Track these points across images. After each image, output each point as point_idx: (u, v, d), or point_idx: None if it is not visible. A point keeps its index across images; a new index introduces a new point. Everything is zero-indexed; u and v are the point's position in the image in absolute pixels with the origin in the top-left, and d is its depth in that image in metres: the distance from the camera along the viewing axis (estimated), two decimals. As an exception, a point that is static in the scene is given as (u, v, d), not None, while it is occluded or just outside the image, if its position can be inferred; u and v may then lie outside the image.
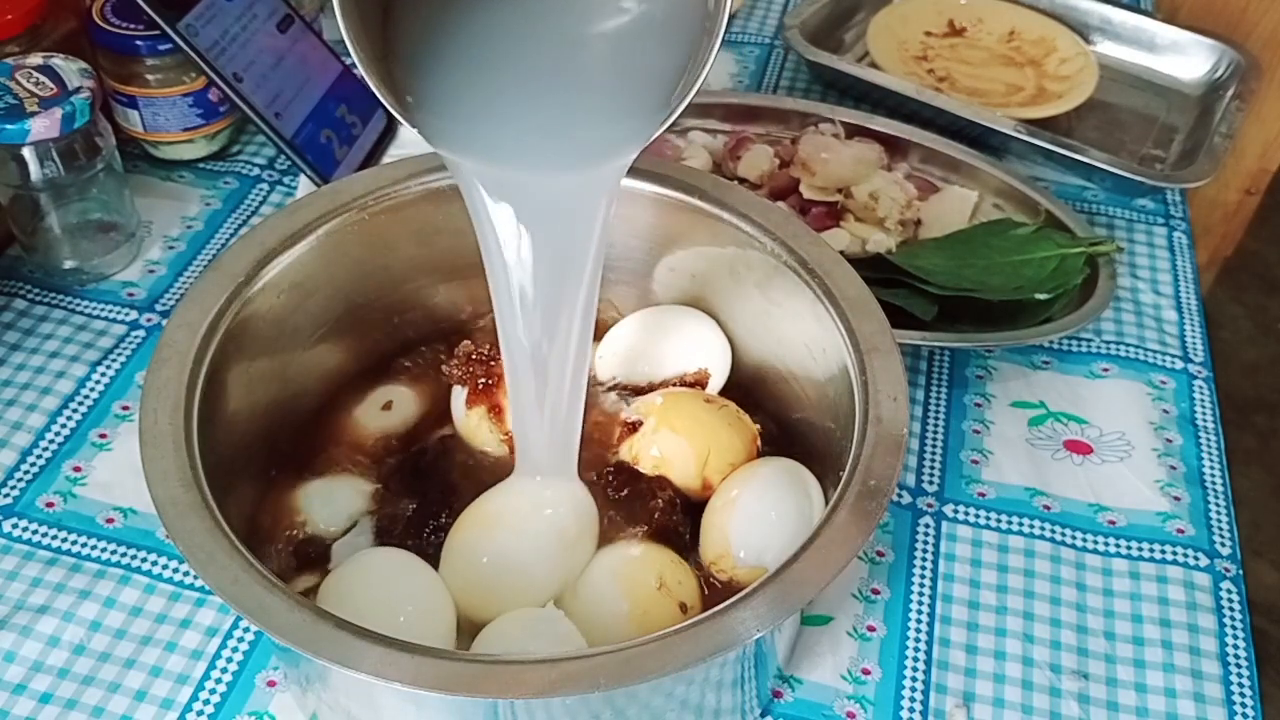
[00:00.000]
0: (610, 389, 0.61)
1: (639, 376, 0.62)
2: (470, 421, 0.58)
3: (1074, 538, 0.64)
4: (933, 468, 0.67)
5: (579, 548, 0.54)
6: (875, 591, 0.61)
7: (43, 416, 0.67)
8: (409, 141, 0.84)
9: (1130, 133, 0.94)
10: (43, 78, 0.70)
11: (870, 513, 0.46)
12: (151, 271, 0.77)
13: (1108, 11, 1.01)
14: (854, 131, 0.84)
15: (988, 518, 0.65)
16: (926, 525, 0.64)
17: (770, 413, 0.60)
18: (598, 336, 0.61)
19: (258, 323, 0.56)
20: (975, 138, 0.86)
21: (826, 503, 0.50)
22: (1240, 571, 0.63)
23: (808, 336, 0.57)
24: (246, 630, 0.58)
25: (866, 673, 0.57)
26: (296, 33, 0.80)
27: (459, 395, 0.59)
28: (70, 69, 0.70)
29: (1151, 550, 0.63)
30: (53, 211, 0.73)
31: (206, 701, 0.55)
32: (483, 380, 0.58)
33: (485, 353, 0.59)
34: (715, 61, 0.44)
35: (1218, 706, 0.57)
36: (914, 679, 0.57)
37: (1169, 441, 0.69)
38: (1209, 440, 0.70)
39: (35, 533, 0.61)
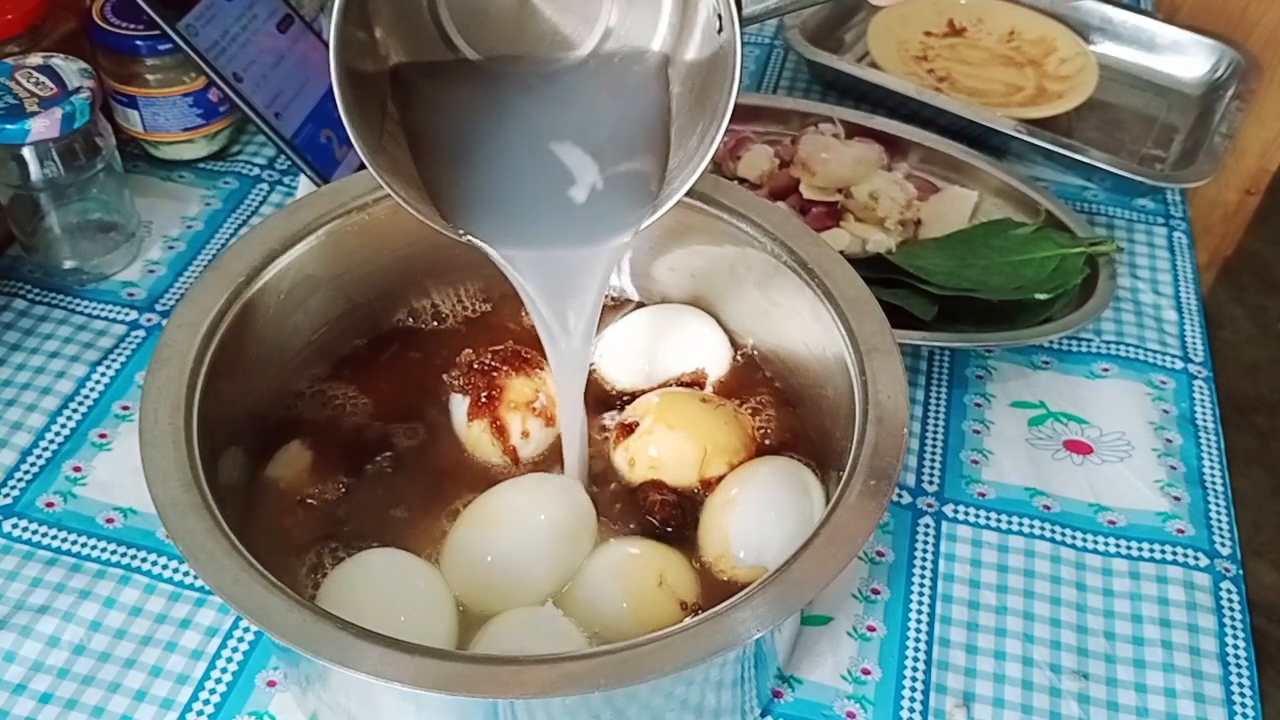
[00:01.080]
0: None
1: (638, 375, 0.62)
2: (472, 434, 0.58)
3: (1074, 538, 0.64)
4: (933, 468, 0.67)
5: (578, 545, 0.54)
6: (875, 591, 0.61)
7: (43, 416, 0.67)
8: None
9: (1130, 133, 0.94)
10: (43, 78, 0.70)
11: (870, 513, 0.46)
12: (151, 271, 0.77)
13: (1108, 11, 1.01)
14: (854, 131, 0.84)
15: (988, 518, 0.65)
16: (926, 525, 0.64)
17: (770, 412, 0.60)
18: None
19: (258, 323, 0.56)
20: (975, 138, 0.86)
21: (826, 502, 0.50)
22: (1240, 571, 0.63)
23: (808, 336, 0.57)
24: (247, 630, 0.58)
25: (866, 673, 0.57)
26: (296, 33, 0.80)
27: (459, 404, 0.59)
28: (70, 69, 0.70)
29: (1151, 550, 0.63)
30: (53, 211, 0.73)
31: (207, 701, 0.55)
32: (485, 394, 0.58)
33: (487, 363, 0.59)
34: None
35: (1218, 706, 0.57)
36: (914, 679, 0.57)
37: (1169, 441, 0.69)
38: (1209, 440, 0.70)
39: (35, 533, 0.61)
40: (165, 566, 0.60)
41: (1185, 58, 0.99)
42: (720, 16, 0.45)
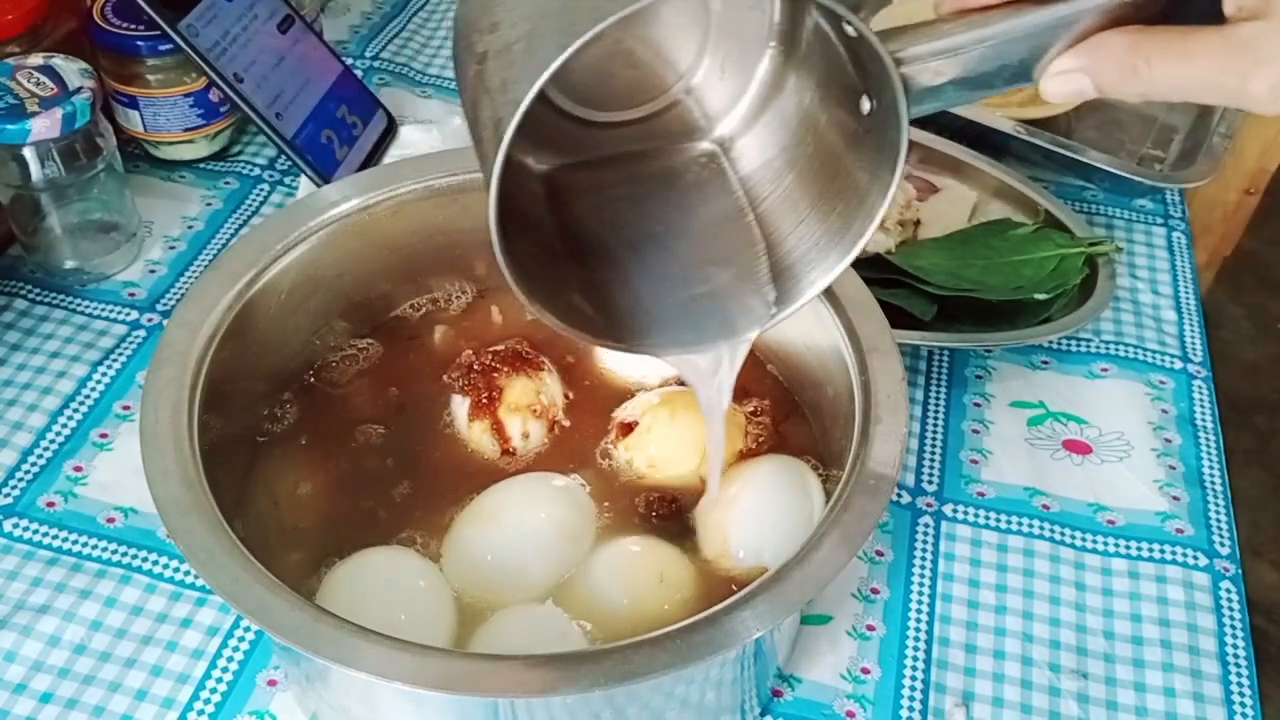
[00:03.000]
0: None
1: (638, 374, 0.62)
2: (473, 434, 0.58)
3: (1073, 537, 0.64)
4: (932, 467, 0.67)
5: (578, 542, 0.54)
6: (875, 591, 0.61)
7: (44, 416, 0.67)
8: (409, 142, 0.84)
9: (1129, 133, 0.94)
10: (43, 78, 0.70)
11: (870, 512, 0.46)
12: (152, 272, 0.77)
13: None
14: (854, 131, 0.84)
15: (987, 517, 0.65)
16: (926, 525, 0.64)
17: (770, 411, 0.60)
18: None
19: (258, 323, 0.56)
20: (975, 138, 0.86)
21: (826, 502, 0.50)
22: (1239, 571, 0.63)
23: (808, 336, 0.57)
24: (247, 630, 0.58)
25: (866, 672, 0.58)
26: (297, 33, 0.80)
27: (461, 404, 0.59)
28: (71, 69, 0.71)
29: (1151, 550, 0.63)
30: (53, 211, 0.73)
31: (207, 701, 0.55)
32: (485, 394, 0.58)
33: (487, 363, 0.59)
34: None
35: (1217, 706, 0.57)
36: (913, 678, 0.57)
37: (1168, 441, 0.69)
38: (1208, 440, 0.70)
39: (36, 532, 0.61)
40: (166, 566, 0.60)
41: (1185, 58, 0.99)
42: (869, 95, 0.42)
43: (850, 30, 0.40)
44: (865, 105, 0.42)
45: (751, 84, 0.48)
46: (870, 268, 0.67)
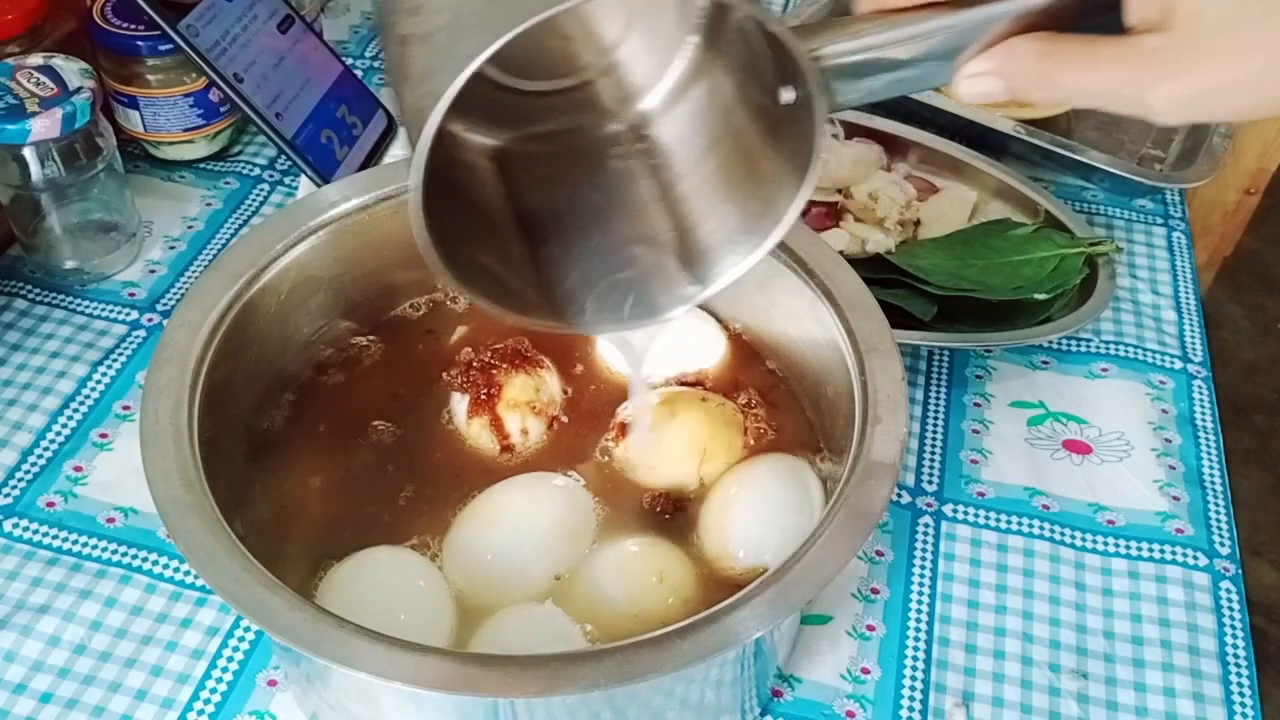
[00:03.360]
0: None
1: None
2: (473, 431, 0.58)
3: (1073, 537, 0.64)
4: (932, 467, 0.67)
5: (578, 542, 0.54)
6: (875, 591, 0.61)
7: (43, 416, 0.67)
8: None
9: (1129, 133, 0.94)
10: (43, 78, 0.70)
11: (870, 512, 0.46)
12: (152, 272, 0.77)
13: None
14: (853, 131, 0.84)
15: (987, 517, 0.65)
16: (926, 525, 0.64)
17: (769, 412, 0.60)
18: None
19: (258, 322, 0.56)
20: (975, 138, 0.86)
21: (826, 501, 0.50)
22: (1239, 571, 0.63)
23: (808, 336, 0.57)
24: (247, 630, 0.58)
25: (866, 672, 0.58)
26: (297, 33, 0.80)
27: (460, 402, 0.59)
28: (71, 69, 0.71)
29: (1150, 550, 0.63)
30: (53, 211, 0.73)
31: (207, 701, 0.55)
32: (485, 392, 0.58)
33: (487, 360, 0.59)
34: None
35: (1217, 706, 0.57)
36: (913, 678, 0.57)
37: (1168, 441, 0.69)
38: (1208, 440, 0.70)
39: (36, 532, 0.61)
40: (166, 566, 0.60)
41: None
42: (785, 87, 0.42)
43: (770, 27, 0.40)
44: (784, 98, 0.43)
45: (674, 64, 0.49)
46: (870, 268, 0.67)
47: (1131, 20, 0.38)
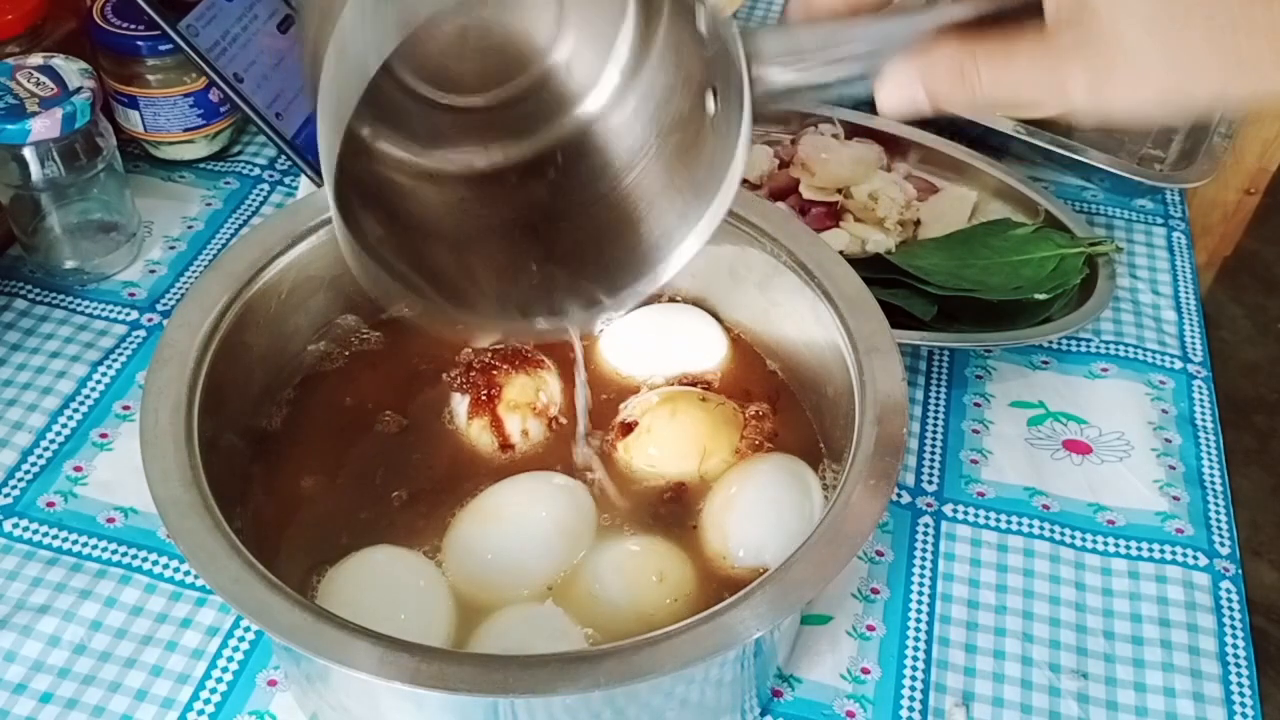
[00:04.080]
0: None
1: (638, 374, 0.62)
2: (473, 431, 0.58)
3: (1073, 537, 0.64)
4: (932, 467, 0.67)
5: (578, 542, 0.54)
6: (875, 591, 0.61)
7: (44, 416, 0.67)
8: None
9: (1129, 133, 0.94)
10: (43, 78, 0.70)
11: (870, 512, 0.46)
12: (152, 272, 0.77)
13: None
14: (853, 131, 0.84)
15: (987, 517, 0.65)
16: (926, 525, 0.64)
17: (769, 412, 0.60)
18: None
19: (258, 323, 0.56)
20: (975, 138, 0.86)
21: (826, 501, 0.50)
22: (1239, 571, 0.63)
23: (807, 336, 0.57)
24: (247, 630, 0.58)
25: (866, 672, 0.58)
26: (297, 33, 0.80)
27: (461, 402, 0.59)
28: (71, 69, 0.71)
29: (1150, 550, 0.63)
30: (53, 211, 0.73)
31: (207, 701, 0.55)
32: (485, 392, 0.58)
33: (487, 361, 0.59)
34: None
35: (1217, 706, 0.57)
36: (913, 678, 0.57)
37: (1168, 441, 0.69)
38: (1208, 440, 0.70)
39: (36, 532, 0.61)
40: (166, 566, 0.60)
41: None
42: (715, 90, 0.43)
43: (701, 24, 0.40)
44: (712, 100, 0.43)
45: (609, 67, 0.49)
46: (870, 268, 0.67)
47: (1049, 15, 0.38)
